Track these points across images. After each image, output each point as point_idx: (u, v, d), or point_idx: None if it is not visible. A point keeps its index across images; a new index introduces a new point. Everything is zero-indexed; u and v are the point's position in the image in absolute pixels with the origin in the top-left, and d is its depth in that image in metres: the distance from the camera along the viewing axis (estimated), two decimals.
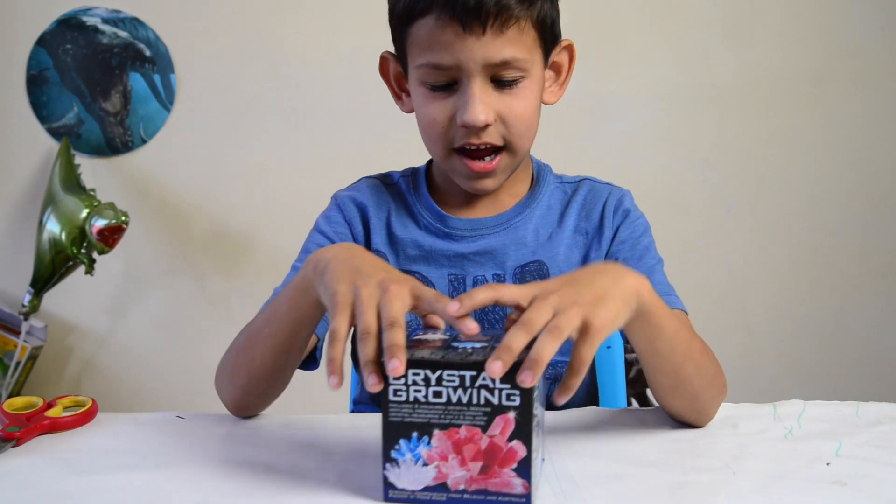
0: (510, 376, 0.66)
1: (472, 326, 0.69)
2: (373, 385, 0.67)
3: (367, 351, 0.68)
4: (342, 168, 2.13)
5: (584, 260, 1.05)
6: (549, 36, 0.98)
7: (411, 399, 0.68)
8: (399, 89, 1.05)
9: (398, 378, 0.67)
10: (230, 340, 0.95)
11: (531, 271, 1.04)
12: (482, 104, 0.92)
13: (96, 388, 2.43)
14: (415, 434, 0.68)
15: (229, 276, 2.44)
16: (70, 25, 2.34)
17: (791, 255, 2.53)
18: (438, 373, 0.67)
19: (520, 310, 0.71)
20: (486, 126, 0.94)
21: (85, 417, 0.93)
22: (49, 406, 0.94)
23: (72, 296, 2.38)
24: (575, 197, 1.07)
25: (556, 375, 1.06)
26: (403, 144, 1.02)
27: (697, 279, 2.46)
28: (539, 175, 1.09)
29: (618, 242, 1.05)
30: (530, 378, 0.64)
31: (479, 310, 1.01)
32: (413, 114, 1.02)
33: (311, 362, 1.00)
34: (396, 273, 0.77)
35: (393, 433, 0.69)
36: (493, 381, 0.67)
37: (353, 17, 2.31)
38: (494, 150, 0.97)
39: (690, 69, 2.45)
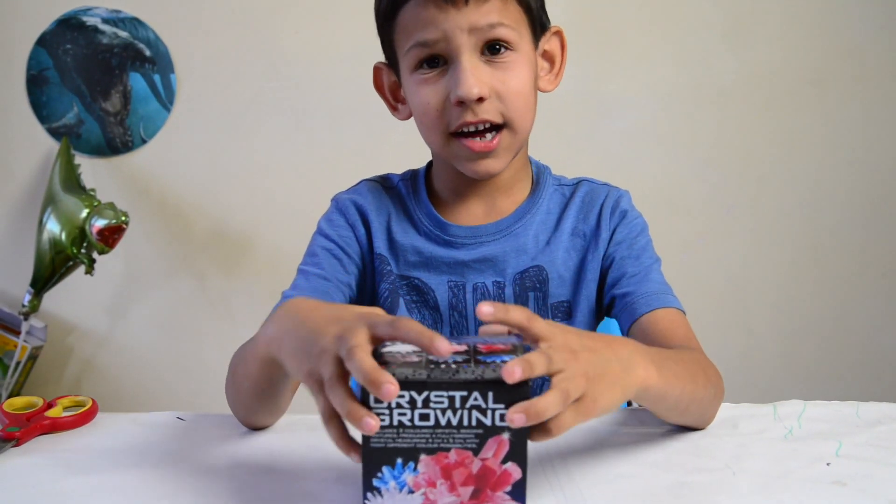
0: (504, 397, 0.62)
1: (443, 348, 0.62)
2: (371, 428, 0.62)
3: (335, 433, 0.65)
4: (342, 168, 2.13)
5: (582, 262, 1.05)
6: (535, 18, 0.98)
7: (395, 423, 0.62)
8: (394, 100, 1.05)
9: (379, 402, 0.62)
10: (230, 341, 0.96)
11: (531, 276, 1.04)
12: (474, 77, 0.91)
13: (96, 388, 2.43)
14: (399, 460, 0.63)
15: (229, 276, 2.44)
16: (70, 25, 2.34)
17: (791, 255, 2.53)
18: (425, 394, 0.62)
19: (533, 339, 0.68)
20: (482, 101, 0.92)
21: (85, 417, 0.93)
22: (49, 406, 0.94)
23: (72, 296, 2.38)
24: (573, 199, 1.07)
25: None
26: (403, 145, 1.02)
27: (697, 279, 2.46)
28: (539, 178, 1.08)
29: (615, 243, 1.05)
30: (522, 420, 0.61)
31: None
32: (411, 119, 1.02)
33: None
34: (348, 313, 0.70)
35: (375, 460, 0.63)
36: (486, 401, 0.62)
37: (353, 17, 2.30)
38: (494, 129, 0.95)
39: (690, 69, 2.45)
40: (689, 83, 2.45)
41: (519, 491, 0.65)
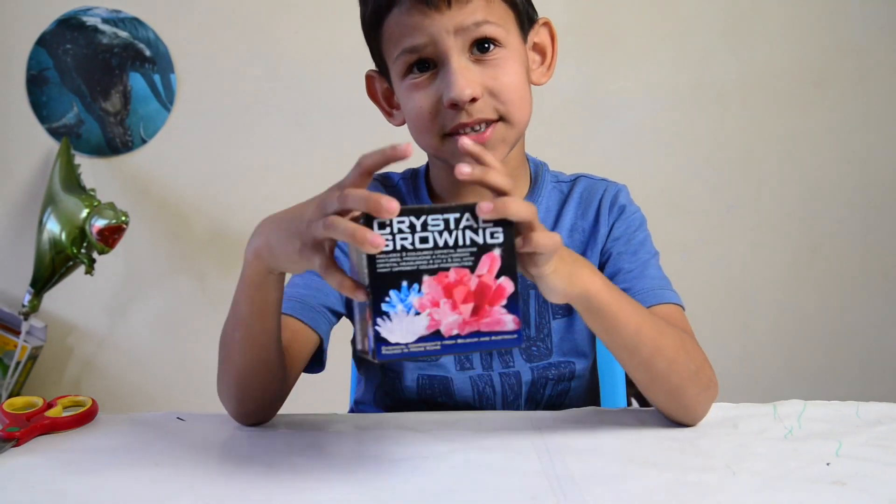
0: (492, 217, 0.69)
1: (392, 207, 0.67)
2: (378, 243, 0.66)
3: (338, 278, 0.69)
4: (342, 168, 2.12)
5: None
6: (521, 12, 0.97)
7: (398, 248, 0.68)
8: (389, 106, 1.04)
9: (383, 228, 0.67)
10: None
11: None
12: (464, 78, 0.91)
13: (96, 388, 2.43)
14: (404, 283, 0.68)
15: (229, 276, 2.43)
16: (70, 25, 2.34)
17: (791, 254, 2.53)
18: (423, 218, 0.68)
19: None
20: (474, 101, 0.92)
21: (85, 417, 0.93)
22: (49, 406, 0.94)
23: (72, 296, 2.38)
24: (571, 195, 1.07)
25: (559, 376, 1.06)
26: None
27: (697, 279, 2.46)
28: (537, 176, 1.08)
29: (612, 239, 1.04)
30: (489, 209, 0.68)
31: None
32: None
33: (316, 365, 0.99)
34: (318, 196, 0.75)
35: (382, 285, 0.68)
36: (477, 221, 0.69)
37: (352, 17, 2.30)
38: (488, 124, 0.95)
39: (691, 69, 2.45)
40: (690, 83, 2.45)
41: (513, 304, 0.70)
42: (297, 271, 0.78)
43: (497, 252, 0.69)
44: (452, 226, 0.68)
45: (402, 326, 0.68)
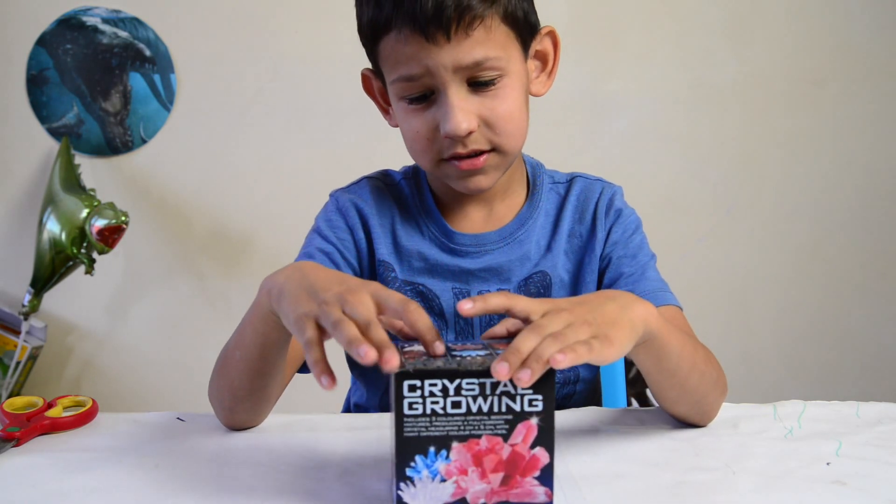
0: (532, 383, 0.63)
1: (439, 351, 0.66)
2: (393, 364, 0.63)
3: (350, 332, 0.65)
4: (342, 168, 2.13)
5: (579, 265, 1.05)
6: (523, 28, 0.94)
7: (428, 412, 0.64)
8: (385, 103, 1.03)
9: (413, 391, 0.63)
10: None
11: (535, 282, 1.03)
12: (461, 112, 0.90)
13: (96, 388, 2.43)
14: (432, 449, 0.64)
15: (229, 276, 2.44)
16: (70, 25, 2.34)
17: (791, 255, 2.53)
18: (457, 382, 0.63)
19: (527, 322, 0.70)
20: (471, 133, 0.91)
21: (85, 417, 0.93)
22: (49, 406, 0.94)
23: (72, 296, 2.38)
24: (568, 198, 1.06)
25: (564, 380, 1.06)
26: (402, 145, 1.02)
27: (697, 280, 2.46)
28: (534, 178, 1.07)
29: (611, 244, 1.04)
30: (528, 377, 0.62)
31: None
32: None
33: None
34: (353, 280, 0.73)
35: (408, 449, 0.64)
36: (515, 387, 0.64)
37: (352, 17, 2.30)
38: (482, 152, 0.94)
39: (691, 69, 2.45)
40: (690, 83, 2.45)
41: (547, 476, 0.66)
42: (287, 328, 0.74)
43: (534, 421, 0.65)
44: (488, 391, 0.64)
45: (426, 493, 0.65)
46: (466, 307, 0.68)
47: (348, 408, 1.19)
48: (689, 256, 2.47)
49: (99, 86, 2.36)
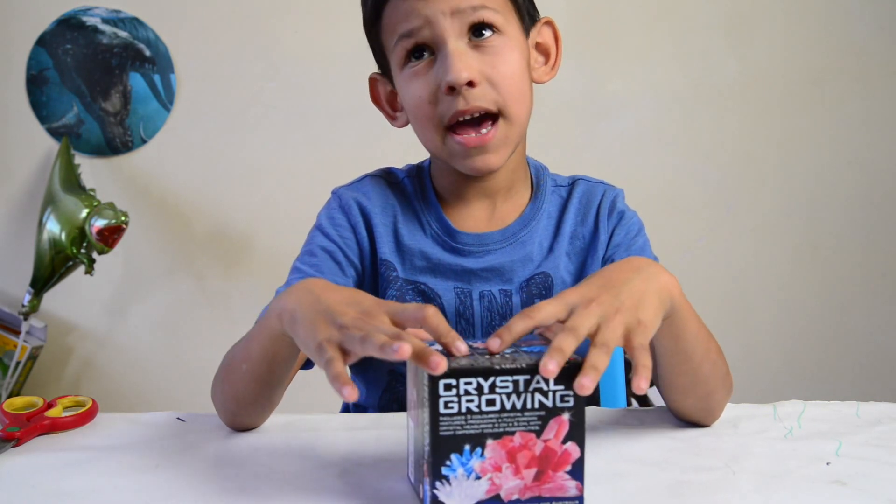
0: (563, 377, 0.65)
1: (462, 350, 0.67)
2: (441, 367, 0.63)
3: (380, 339, 0.64)
4: (341, 168, 2.13)
5: (581, 267, 1.04)
6: (520, 7, 0.97)
7: (463, 410, 0.65)
8: (392, 109, 1.04)
9: (449, 390, 0.64)
10: (230, 341, 0.95)
11: (537, 283, 1.03)
12: (461, 61, 0.90)
13: (96, 388, 2.43)
14: (467, 447, 0.65)
15: (229, 276, 2.44)
16: (70, 25, 2.34)
17: (792, 255, 2.53)
18: (492, 380, 0.64)
19: (560, 322, 0.71)
20: (472, 86, 0.91)
21: (85, 417, 0.93)
22: (49, 406, 0.94)
23: (72, 296, 2.38)
24: (570, 201, 1.06)
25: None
26: (402, 144, 1.02)
27: (698, 279, 2.46)
28: (539, 180, 1.07)
29: (613, 246, 1.04)
30: (589, 383, 0.63)
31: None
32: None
33: (308, 363, 0.99)
34: (367, 301, 0.73)
35: (444, 448, 0.65)
36: (548, 383, 0.65)
37: (351, 16, 2.30)
38: (489, 118, 0.94)
39: (691, 69, 2.45)
40: (690, 83, 2.45)
41: (578, 470, 0.67)
42: (305, 353, 0.74)
43: (566, 416, 0.66)
44: (522, 388, 0.65)
45: (461, 490, 0.66)
46: (495, 346, 0.68)
47: (347, 408, 1.19)
48: (689, 256, 2.47)
49: (99, 86, 2.36)
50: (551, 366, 0.63)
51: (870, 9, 2.46)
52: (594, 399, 1.14)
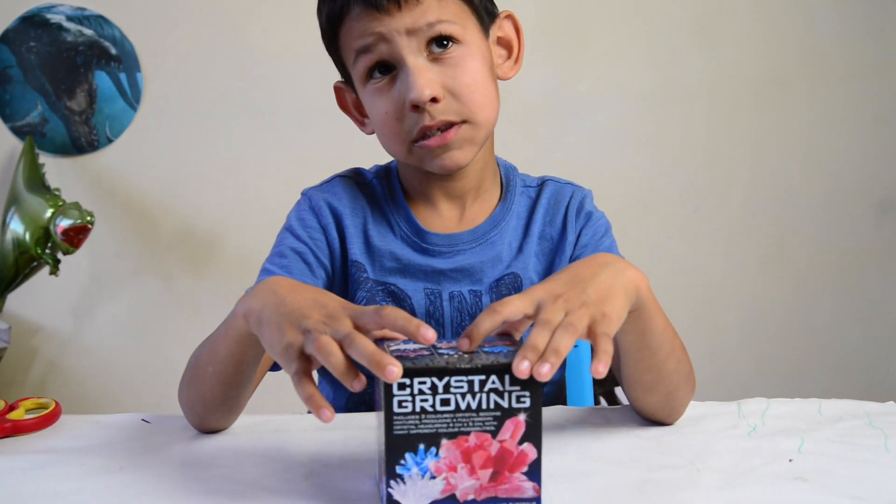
0: (518, 378, 0.65)
1: (429, 336, 0.66)
2: (361, 384, 0.64)
3: (336, 362, 0.65)
4: (311, 167, 2.12)
5: (549, 267, 1.05)
6: (477, 7, 0.96)
7: (417, 409, 0.65)
8: (360, 115, 1.03)
9: (402, 389, 0.64)
10: (197, 342, 0.94)
11: (506, 284, 1.03)
12: (422, 77, 0.90)
13: (61, 390, 2.40)
14: (421, 446, 0.65)
15: (197, 277, 2.42)
16: (33, 23, 2.31)
17: (758, 254, 2.56)
18: (446, 379, 0.64)
19: (527, 317, 0.71)
20: (436, 102, 0.91)
21: (48, 420, 0.91)
22: (11, 408, 0.93)
23: (36, 297, 2.34)
24: (539, 201, 1.06)
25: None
26: (371, 143, 1.01)
27: (664, 278, 2.48)
28: (508, 180, 1.07)
29: (580, 246, 1.04)
30: (547, 370, 0.64)
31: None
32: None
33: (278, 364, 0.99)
34: (332, 303, 0.72)
35: (398, 447, 0.65)
36: (503, 384, 0.65)
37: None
38: (454, 125, 0.93)
39: (659, 69, 2.47)
40: (658, 83, 2.47)
41: (535, 471, 0.67)
42: (271, 356, 0.73)
43: (522, 417, 0.66)
44: (477, 388, 0.65)
45: (416, 490, 0.66)
46: (465, 346, 0.68)
47: None
48: (657, 255, 2.49)
49: (63, 84, 2.33)
50: (523, 366, 0.64)
51: (833, 11, 2.50)
52: (560, 398, 1.15)
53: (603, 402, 1.92)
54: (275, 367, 0.98)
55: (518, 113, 2.36)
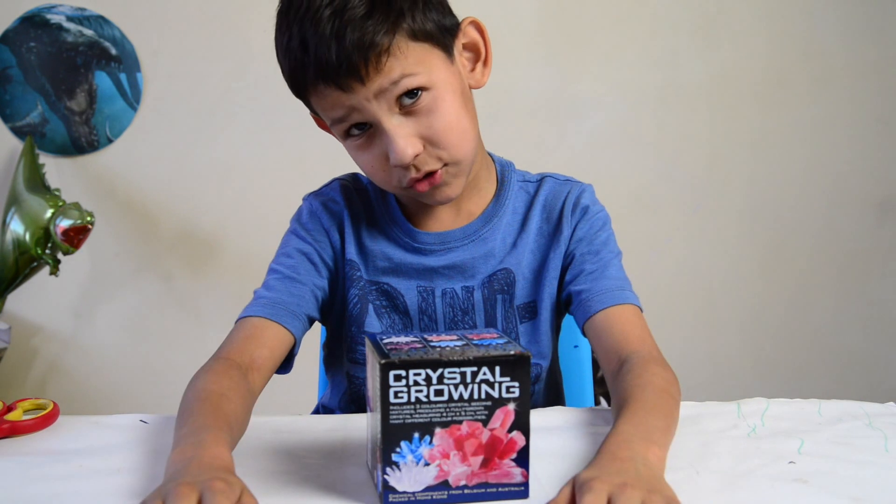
0: (510, 369, 0.68)
1: None
2: None
3: None
4: (310, 167, 2.13)
5: (544, 261, 1.05)
6: (438, 36, 0.93)
7: (412, 399, 0.68)
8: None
9: (398, 381, 0.67)
10: (197, 342, 0.94)
11: (499, 279, 1.04)
12: (402, 139, 0.90)
13: (61, 390, 2.40)
14: (416, 435, 0.68)
15: (197, 277, 2.42)
16: (34, 23, 2.31)
17: (758, 254, 2.56)
18: (440, 371, 0.68)
19: None
20: (418, 156, 0.91)
21: (46, 420, 0.91)
22: (9, 409, 0.92)
23: (36, 297, 2.34)
24: (537, 197, 1.06)
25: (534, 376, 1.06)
26: None
27: (663, 278, 2.48)
28: (503, 176, 1.08)
29: (575, 241, 1.04)
30: None
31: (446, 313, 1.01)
32: None
33: (285, 364, 0.99)
34: (200, 478, 0.66)
35: (394, 436, 0.68)
36: (494, 375, 0.68)
37: None
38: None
39: (658, 70, 2.47)
40: (657, 83, 2.47)
41: (523, 457, 0.70)
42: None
43: (511, 406, 0.69)
44: (469, 379, 0.68)
45: (411, 476, 0.69)
46: None
47: (318, 409, 1.19)
48: (657, 255, 2.49)
49: (64, 84, 2.33)
50: None
51: (834, 12, 2.49)
52: (558, 398, 1.15)
53: (603, 402, 1.91)
54: (280, 369, 0.98)
55: (518, 113, 2.36)
